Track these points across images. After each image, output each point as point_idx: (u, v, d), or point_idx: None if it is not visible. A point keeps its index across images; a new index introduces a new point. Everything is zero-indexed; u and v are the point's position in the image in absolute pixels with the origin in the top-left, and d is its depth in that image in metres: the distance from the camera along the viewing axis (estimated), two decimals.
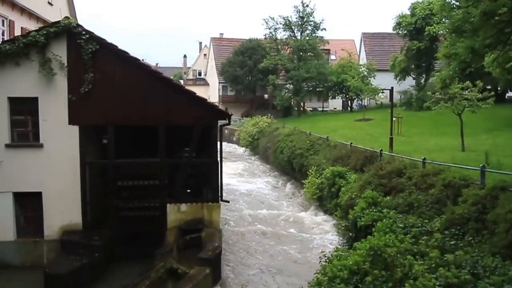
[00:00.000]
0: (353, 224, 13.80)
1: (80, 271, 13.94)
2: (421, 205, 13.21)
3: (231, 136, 56.53)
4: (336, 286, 8.06)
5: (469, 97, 21.78)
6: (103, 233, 15.77)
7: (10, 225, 15.86)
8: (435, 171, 14.65)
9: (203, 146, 17.65)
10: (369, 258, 8.47)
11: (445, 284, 8.08)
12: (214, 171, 16.93)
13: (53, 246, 15.76)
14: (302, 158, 27.66)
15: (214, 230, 16.15)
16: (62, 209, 15.91)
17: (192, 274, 13.15)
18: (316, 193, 22.24)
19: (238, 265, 15.85)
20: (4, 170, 15.60)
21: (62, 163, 15.84)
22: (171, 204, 16.48)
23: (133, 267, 14.17)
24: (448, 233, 10.93)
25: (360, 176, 18.49)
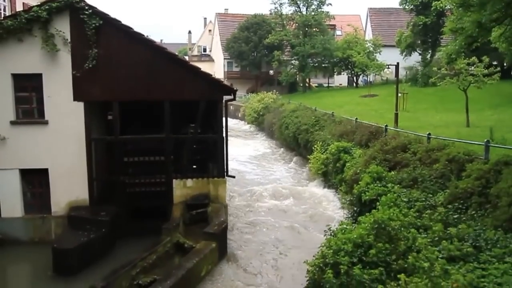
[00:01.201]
0: (357, 198, 13.87)
1: (88, 246, 14.12)
2: (425, 179, 13.24)
3: (237, 112, 56.51)
4: (341, 259, 8.14)
5: (475, 72, 21.60)
6: (110, 209, 15.92)
7: (18, 202, 16.05)
8: (440, 146, 14.66)
9: (209, 122, 17.68)
10: (373, 232, 8.55)
11: (447, 257, 8.16)
12: (219, 146, 16.97)
13: (60, 222, 15.97)
14: (307, 134, 27.68)
15: (220, 205, 16.28)
16: (68, 185, 16.05)
17: (198, 248, 13.33)
18: (321, 169, 22.33)
19: (244, 239, 16.04)
20: (10, 147, 15.71)
21: (68, 139, 15.91)
22: (177, 179, 16.58)
23: (140, 242, 14.30)
24: (451, 207, 10.99)
25: (365, 151, 18.51)
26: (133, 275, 12.08)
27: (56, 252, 13.74)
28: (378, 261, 7.96)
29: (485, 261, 8.02)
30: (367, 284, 7.26)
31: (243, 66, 65.29)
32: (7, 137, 15.66)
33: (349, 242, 8.54)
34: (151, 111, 17.74)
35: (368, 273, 7.51)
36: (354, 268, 7.67)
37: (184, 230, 15.15)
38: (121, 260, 12.94)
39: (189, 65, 17.33)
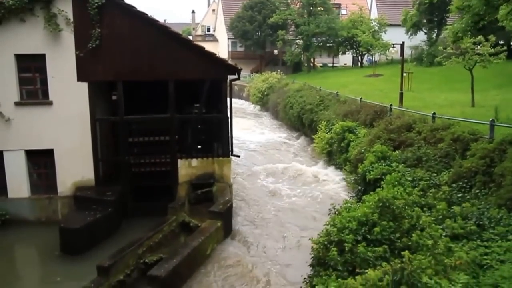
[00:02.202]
0: (362, 177, 13.91)
1: (94, 226, 14.26)
2: (429, 159, 13.25)
3: (241, 92, 56.38)
4: (345, 237, 8.20)
5: (481, 52, 21.39)
6: (116, 189, 16.04)
7: (24, 182, 16.19)
8: (444, 126, 14.63)
9: (213, 102, 17.66)
10: (378, 210, 8.59)
11: (451, 235, 8.21)
12: (224, 126, 16.97)
13: (66, 202, 16.13)
14: (312, 114, 27.66)
15: (225, 184, 16.37)
16: (74, 165, 16.15)
17: (204, 227, 13.47)
18: (326, 148, 22.38)
19: (249, 218, 16.15)
20: (14, 128, 15.78)
21: (73, 120, 15.95)
22: (182, 159, 16.66)
23: (146, 221, 14.42)
24: (455, 186, 11.02)
25: (369, 131, 18.49)
26: (139, 253, 12.24)
27: (63, 232, 13.90)
28: (382, 239, 8.01)
29: (488, 239, 8.07)
30: (371, 261, 7.32)
31: (247, 46, 64.83)
32: (12, 118, 15.71)
33: (353, 220, 8.59)
34: (156, 91, 17.72)
35: (372, 251, 7.57)
36: (359, 246, 7.73)
37: (190, 210, 15.28)
38: (127, 239, 13.09)
39: (193, 44, 17.25)
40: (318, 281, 7.43)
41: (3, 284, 12.43)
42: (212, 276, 12.05)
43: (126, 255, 11.75)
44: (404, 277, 5.65)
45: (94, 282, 10.91)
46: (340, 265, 7.77)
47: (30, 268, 13.98)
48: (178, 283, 11.32)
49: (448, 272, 6.12)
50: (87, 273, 11.61)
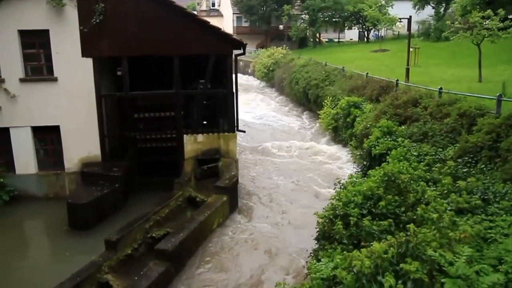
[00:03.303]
0: (367, 153, 13.90)
1: (101, 201, 14.42)
2: (435, 134, 13.19)
3: (246, 68, 56.11)
4: (351, 211, 8.24)
5: (490, 26, 21.05)
6: (122, 164, 16.15)
7: (31, 159, 16.33)
8: (451, 101, 14.52)
9: (218, 77, 17.59)
10: (383, 184, 8.60)
11: (456, 209, 8.22)
12: (230, 101, 16.94)
13: (73, 178, 16.28)
14: (318, 89, 27.56)
15: (230, 159, 16.43)
16: (80, 141, 16.25)
17: (210, 202, 13.57)
18: (331, 124, 22.37)
19: (254, 193, 16.25)
20: (20, 104, 15.83)
21: (78, 96, 15.98)
22: (188, 134, 16.69)
23: (152, 196, 14.57)
24: (461, 161, 10.99)
25: (375, 106, 18.42)
26: (146, 228, 12.38)
27: (71, 207, 14.06)
28: (387, 213, 8.04)
29: (493, 213, 8.07)
30: (376, 235, 7.36)
31: (253, 21, 64.26)
32: (17, 95, 15.75)
33: (359, 195, 8.61)
34: (161, 67, 17.66)
35: (378, 225, 7.60)
36: (364, 220, 7.76)
37: (196, 185, 15.38)
38: (134, 214, 13.22)
39: (198, 18, 17.09)
40: (324, 254, 7.49)
41: (14, 258, 12.64)
42: (218, 251, 12.20)
43: (133, 230, 11.89)
44: (409, 249, 5.69)
45: (103, 256, 11.08)
46: (345, 238, 7.83)
47: (40, 243, 14.21)
48: (185, 257, 11.47)
49: (453, 245, 6.15)
50: (95, 247, 11.79)
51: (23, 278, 11.57)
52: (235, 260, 11.71)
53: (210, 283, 10.78)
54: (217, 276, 11.04)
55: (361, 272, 5.59)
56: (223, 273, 11.13)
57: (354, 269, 5.71)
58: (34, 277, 11.57)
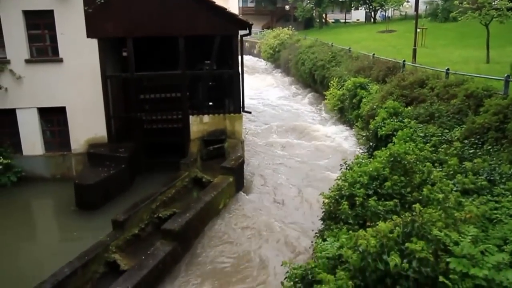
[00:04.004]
0: (373, 134, 13.86)
1: (108, 182, 14.53)
2: (442, 115, 13.12)
3: (252, 49, 55.82)
4: (356, 191, 8.26)
5: (499, 6, 20.75)
6: (128, 145, 16.22)
7: (38, 140, 16.44)
8: (458, 82, 14.42)
9: (224, 58, 17.52)
10: (389, 165, 8.60)
11: (461, 190, 8.23)
12: (235, 82, 16.88)
13: (80, 159, 16.39)
14: (324, 70, 27.42)
15: (236, 140, 16.46)
16: (86, 123, 16.32)
17: (216, 182, 13.63)
18: (337, 105, 22.32)
19: (260, 174, 16.30)
20: (26, 86, 15.88)
21: (83, 77, 15.99)
22: (194, 115, 16.70)
23: (159, 177, 14.67)
24: (467, 142, 10.95)
25: (381, 87, 18.31)
26: (153, 208, 12.48)
27: (78, 188, 14.18)
28: (393, 193, 8.05)
29: (499, 194, 8.08)
30: (381, 215, 7.39)
31: (258, 2, 63.75)
32: (23, 76, 15.77)
33: (364, 175, 8.63)
34: (166, 48, 17.59)
35: (383, 205, 7.62)
36: (369, 200, 7.78)
37: (202, 165, 15.45)
38: (140, 194, 13.31)
39: None
40: (329, 234, 7.55)
41: (22, 238, 12.82)
42: (224, 230, 12.29)
43: (140, 210, 11.99)
44: (415, 229, 5.72)
45: (110, 235, 11.20)
46: (351, 218, 7.87)
47: (48, 223, 14.37)
48: (192, 236, 11.58)
49: (458, 225, 6.18)
50: (102, 227, 11.92)
51: (32, 258, 11.74)
52: (241, 240, 11.80)
53: (217, 262, 10.89)
54: (223, 256, 11.14)
55: (366, 251, 5.64)
56: (229, 253, 11.23)
57: (360, 248, 5.75)
58: (42, 256, 11.74)
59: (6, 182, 15.62)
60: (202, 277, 10.35)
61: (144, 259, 10.07)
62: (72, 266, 9.82)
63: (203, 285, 10.08)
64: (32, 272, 10.57)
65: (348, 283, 5.49)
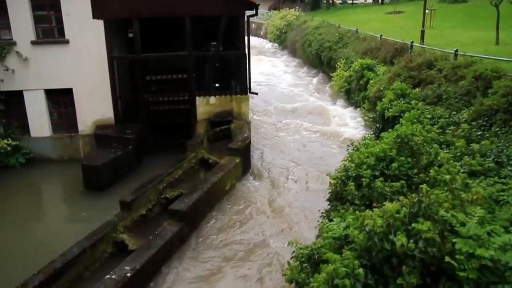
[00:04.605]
0: (380, 115, 13.82)
1: (116, 163, 14.61)
2: (450, 97, 13.06)
3: (258, 30, 55.43)
4: (363, 172, 8.26)
5: None
6: (135, 127, 16.26)
7: (45, 122, 16.50)
8: (467, 63, 14.31)
9: (231, 40, 17.42)
10: (396, 146, 8.58)
11: (469, 171, 8.21)
12: (242, 63, 16.81)
13: (87, 141, 16.46)
14: (331, 51, 27.25)
15: (243, 122, 16.46)
16: (93, 104, 16.34)
17: (223, 163, 13.67)
18: (344, 86, 22.21)
19: (267, 155, 16.34)
20: (33, 67, 15.88)
21: (90, 58, 15.96)
22: (200, 97, 16.68)
23: (166, 158, 14.72)
24: (475, 124, 10.90)
25: (389, 68, 18.18)
26: (160, 189, 12.57)
27: (86, 169, 14.28)
28: (399, 174, 8.06)
29: (506, 176, 8.05)
30: (388, 196, 7.40)
31: None
32: (29, 58, 15.76)
33: (371, 156, 8.62)
34: (173, 29, 17.50)
35: (390, 186, 7.63)
36: (376, 181, 7.79)
37: (208, 147, 15.49)
38: (148, 175, 13.40)
39: None
40: (336, 215, 7.58)
41: (32, 218, 12.96)
42: (231, 211, 12.38)
43: (147, 191, 12.07)
44: (421, 209, 5.73)
45: (118, 216, 11.32)
46: (357, 199, 7.89)
47: (56, 204, 14.50)
48: (198, 217, 11.67)
49: (465, 206, 6.19)
50: (110, 208, 12.03)
51: (41, 238, 11.88)
52: (247, 221, 11.88)
53: (223, 243, 10.98)
54: (229, 236, 11.23)
55: (373, 231, 5.67)
56: (235, 234, 11.32)
57: (367, 228, 5.78)
58: (52, 236, 11.88)
59: (15, 163, 15.76)
60: (209, 256, 10.46)
61: (152, 239, 10.17)
62: (81, 246, 9.95)
63: (210, 264, 10.18)
64: (41, 251, 10.69)
65: (354, 263, 5.53)
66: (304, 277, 6.15)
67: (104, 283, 8.52)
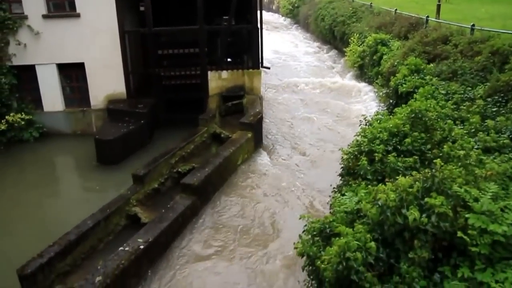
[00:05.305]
0: (394, 91, 13.67)
1: (128, 137, 14.69)
2: (465, 72, 12.84)
3: (271, 4, 54.84)
4: (376, 147, 8.22)
5: None
6: (147, 101, 16.28)
7: (58, 96, 16.59)
8: (483, 38, 14.00)
9: (243, 14, 17.22)
10: (409, 121, 8.51)
11: (483, 148, 8.12)
12: (254, 37, 16.64)
13: (100, 115, 16.55)
14: (344, 26, 26.90)
15: (255, 96, 16.38)
16: (105, 79, 16.36)
17: (234, 138, 13.66)
18: (357, 61, 21.97)
19: (279, 130, 16.30)
20: (44, 41, 15.89)
21: (101, 32, 15.92)
22: (212, 71, 16.60)
23: (177, 133, 14.76)
24: (490, 100, 10.71)
25: (403, 43, 17.91)
26: (172, 163, 12.63)
27: (99, 143, 14.38)
28: (412, 150, 8.00)
29: None
30: (401, 171, 7.37)
31: None
32: (41, 32, 15.74)
33: (384, 131, 8.56)
34: (184, 2, 17.32)
35: (403, 161, 7.59)
36: (389, 156, 7.75)
37: (220, 121, 15.48)
38: (160, 150, 13.46)
39: None
40: (348, 189, 7.58)
41: (46, 192, 13.14)
42: (242, 185, 12.42)
43: (159, 165, 12.13)
44: (435, 184, 5.69)
45: (130, 189, 11.40)
46: (369, 174, 7.86)
47: (70, 177, 14.68)
48: (210, 191, 11.73)
49: (478, 182, 6.13)
50: (123, 181, 12.16)
51: (55, 211, 12.08)
52: (259, 195, 11.91)
53: (234, 216, 11.05)
54: (240, 210, 11.29)
55: (385, 205, 5.65)
56: (247, 208, 11.37)
57: (379, 202, 5.77)
58: (65, 209, 12.05)
59: (29, 137, 15.92)
60: (220, 229, 10.54)
61: (164, 212, 10.25)
62: (95, 218, 10.08)
63: (221, 237, 10.27)
64: (56, 224, 10.88)
65: (366, 236, 5.54)
66: (316, 250, 6.18)
67: (117, 255, 8.64)
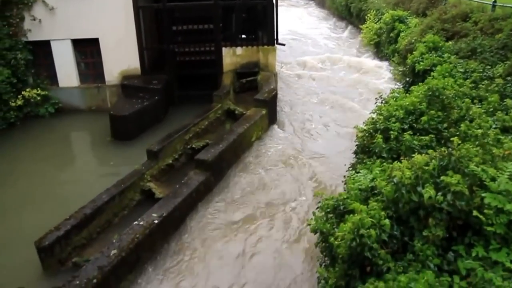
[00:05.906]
0: (410, 68, 13.46)
1: (142, 113, 14.70)
2: (485, 50, 12.57)
3: None
4: (391, 125, 8.13)
5: None
6: (161, 77, 16.25)
7: (73, 72, 16.63)
8: (505, 15, 13.67)
9: None
10: (426, 99, 8.39)
11: (501, 127, 7.98)
12: (269, 13, 16.42)
13: (114, 91, 16.58)
14: (361, 2, 26.52)
15: (270, 73, 16.24)
16: (120, 54, 16.32)
17: (249, 114, 13.62)
18: (374, 39, 21.67)
19: (293, 107, 16.20)
20: (59, 17, 15.85)
21: (115, 8, 15.81)
22: (227, 47, 16.49)
23: (192, 109, 14.72)
24: (510, 79, 10.52)
25: (421, 20, 17.58)
26: (186, 139, 12.66)
27: (114, 119, 14.43)
28: (429, 128, 7.89)
29: None
30: (416, 149, 7.27)
31: None
32: (56, 7, 15.71)
33: (400, 109, 8.46)
34: None
35: (418, 140, 7.49)
36: (404, 134, 7.66)
37: (234, 98, 15.43)
38: (174, 126, 13.48)
39: None
40: (362, 167, 7.53)
41: (62, 167, 13.28)
42: (256, 162, 12.43)
43: (173, 141, 12.17)
44: (451, 162, 5.62)
45: (145, 165, 11.47)
46: (384, 152, 7.79)
47: (85, 153, 14.78)
48: (224, 167, 11.77)
49: (496, 162, 6.03)
50: (137, 157, 12.22)
51: (72, 185, 12.18)
52: (272, 172, 11.92)
53: (248, 193, 11.10)
54: (254, 187, 11.33)
55: (401, 182, 5.61)
56: (260, 185, 11.40)
57: (394, 179, 5.73)
58: (82, 183, 12.15)
59: (44, 113, 16.05)
60: (233, 205, 10.61)
61: (178, 187, 10.31)
62: (110, 193, 10.18)
63: (235, 212, 10.34)
64: (71, 198, 10.98)
65: (381, 214, 5.52)
66: (329, 227, 6.19)
67: (132, 229, 8.75)
